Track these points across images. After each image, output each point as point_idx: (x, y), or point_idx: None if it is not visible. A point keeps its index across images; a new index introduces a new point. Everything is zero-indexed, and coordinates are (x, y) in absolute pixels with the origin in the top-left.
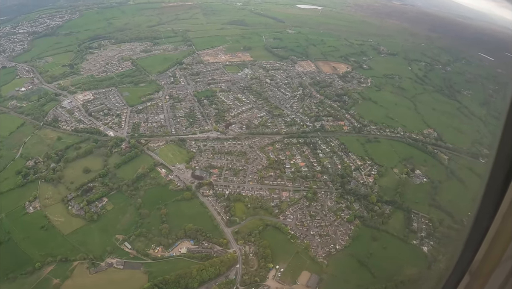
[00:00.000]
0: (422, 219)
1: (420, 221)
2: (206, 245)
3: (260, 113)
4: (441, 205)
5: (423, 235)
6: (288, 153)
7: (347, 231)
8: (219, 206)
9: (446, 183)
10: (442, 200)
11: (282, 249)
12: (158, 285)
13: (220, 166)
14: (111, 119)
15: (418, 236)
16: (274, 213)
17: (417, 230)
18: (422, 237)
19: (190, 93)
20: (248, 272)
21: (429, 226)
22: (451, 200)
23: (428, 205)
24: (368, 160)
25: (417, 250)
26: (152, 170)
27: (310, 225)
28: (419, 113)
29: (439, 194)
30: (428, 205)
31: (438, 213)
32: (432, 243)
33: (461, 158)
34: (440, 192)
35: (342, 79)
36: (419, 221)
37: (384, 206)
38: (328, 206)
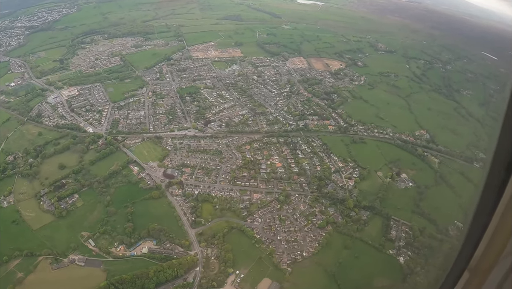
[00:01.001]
0: (403, 227)
1: (399, 229)
2: (168, 246)
3: (242, 111)
4: (425, 212)
5: (401, 244)
6: (265, 152)
7: (317, 237)
8: (186, 206)
9: (434, 188)
10: (427, 207)
11: (245, 254)
12: (114, 284)
13: (193, 165)
14: (92, 115)
15: (395, 245)
16: (242, 216)
17: (395, 238)
18: (399, 247)
19: (173, 90)
20: (207, 276)
21: (409, 235)
22: (437, 207)
23: (410, 212)
24: (351, 162)
25: (393, 260)
26: (125, 168)
27: (278, 229)
28: (413, 113)
29: (424, 200)
30: (411, 211)
31: (421, 221)
32: (410, 253)
33: (453, 162)
34: (426, 197)
35: (333, 77)
36: (399, 229)
37: (362, 212)
38: (301, 210)
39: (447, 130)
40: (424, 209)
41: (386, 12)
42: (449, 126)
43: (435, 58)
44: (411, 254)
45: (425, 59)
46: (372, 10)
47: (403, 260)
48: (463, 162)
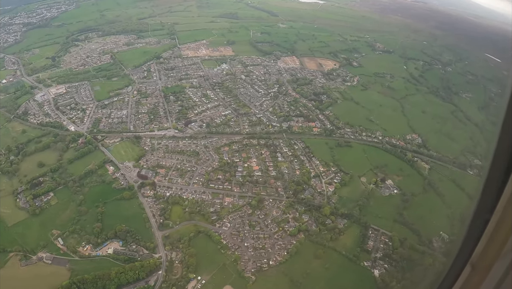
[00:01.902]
0: (382, 237)
1: (378, 239)
2: (134, 247)
3: (225, 112)
4: (408, 222)
5: (378, 255)
6: (244, 155)
7: (287, 245)
8: (156, 208)
9: (421, 196)
10: (411, 216)
11: (209, 259)
12: (76, 283)
13: (169, 166)
14: (76, 114)
15: (371, 256)
16: (211, 220)
17: (372, 249)
18: (376, 258)
19: (158, 89)
20: (169, 280)
21: (388, 246)
22: (422, 216)
23: (392, 221)
24: (333, 166)
25: (367, 273)
26: (101, 167)
27: (247, 235)
28: (406, 116)
29: (409, 208)
30: (392, 220)
31: (403, 231)
32: (386, 266)
33: (445, 168)
34: (411, 206)
35: (325, 77)
36: (377, 239)
37: (339, 220)
38: (273, 216)
39: (441, 135)
40: (408, 218)
41: (388, 12)
42: (444, 131)
43: (435, 59)
44: (388, 267)
45: (424, 60)
46: (374, 9)
47: (378, 273)
48: (455, 168)
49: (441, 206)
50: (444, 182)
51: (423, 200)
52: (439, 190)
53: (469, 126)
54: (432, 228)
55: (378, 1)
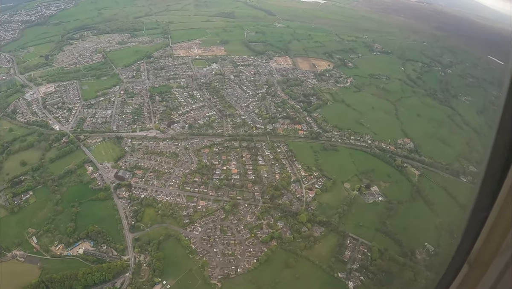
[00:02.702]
0: (360, 247)
1: (356, 249)
2: (104, 248)
3: (210, 113)
4: (391, 231)
5: (354, 267)
6: (224, 157)
7: (258, 253)
8: (129, 210)
9: (407, 204)
10: (395, 225)
11: (176, 264)
12: (45, 282)
13: (147, 167)
14: (62, 113)
15: (347, 267)
16: (183, 223)
17: (349, 260)
18: (351, 270)
19: (145, 89)
20: (135, 283)
21: (366, 256)
22: (407, 226)
23: (374, 230)
24: (316, 171)
25: (340, 284)
26: (80, 167)
27: (217, 241)
28: (399, 119)
29: (393, 217)
30: (374, 229)
31: (384, 241)
32: (362, 278)
33: (436, 175)
34: (396, 214)
35: (317, 78)
36: (355, 249)
37: (315, 227)
38: (246, 222)
39: (435, 140)
40: (391, 228)
41: (391, 12)
42: (439, 135)
43: (434, 60)
44: (364, 279)
45: (423, 62)
46: (375, 9)
47: (352, 286)
48: (448, 175)
49: (429, 215)
50: (434, 190)
51: (409, 209)
52: (428, 198)
53: (467, 131)
54: (417, 238)
55: (381, 1)
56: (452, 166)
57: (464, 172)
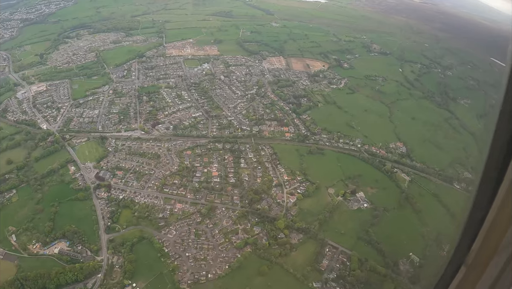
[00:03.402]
0: (340, 256)
1: (335, 258)
2: (79, 248)
3: (196, 113)
4: (374, 240)
5: (331, 276)
6: (206, 159)
7: (231, 258)
8: (106, 211)
9: (394, 212)
10: (378, 234)
11: (147, 267)
12: (20, 280)
13: (128, 168)
14: (50, 112)
15: (323, 277)
16: (158, 226)
17: (326, 269)
18: (327, 280)
19: (134, 89)
20: (106, 284)
21: (345, 266)
22: (391, 235)
23: (356, 238)
24: (300, 175)
25: None
26: (63, 166)
27: (190, 245)
28: (392, 122)
29: (377, 225)
30: (356, 238)
31: (366, 250)
32: None
33: (428, 181)
34: (380, 222)
35: (310, 79)
36: (334, 258)
37: (293, 234)
38: (222, 226)
39: (429, 144)
40: (374, 236)
41: (393, 12)
42: (433, 139)
43: (435, 62)
44: None
45: (422, 63)
46: (378, 10)
47: None
48: (440, 181)
49: (416, 223)
50: (424, 197)
51: (396, 216)
52: (416, 205)
53: (464, 136)
54: (401, 248)
55: (384, 2)
56: (445, 172)
57: (458, 178)
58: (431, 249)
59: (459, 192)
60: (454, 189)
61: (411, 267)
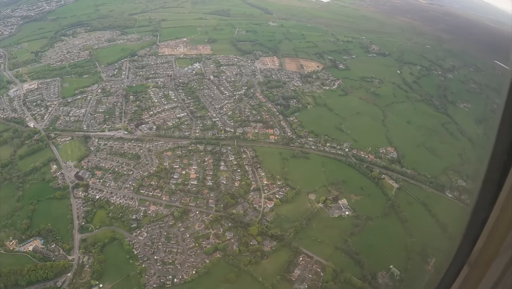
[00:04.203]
0: (314, 266)
1: (308, 267)
2: (53, 247)
3: (181, 114)
4: (352, 250)
5: (302, 287)
6: (185, 161)
7: (199, 264)
8: (82, 210)
9: (378, 221)
10: (358, 243)
11: (115, 268)
12: None
13: (107, 168)
14: (39, 110)
15: (293, 287)
16: (130, 227)
17: (297, 279)
18: None
19: (122, 88)
20: (75, 283)
21: (318, 277)
22: (372, 245)
23: (333, 248)
24: (280, 180)
25: None
26: (45, 165)
27: (160, 248)
28: (385, 126)
29: (358, 234)
30: (334, 247)
31: (343, 261)
32: None
33: (418, 189)
34: (362, 231)
35: (302, 80)
36: (307, 268)
37: (266, 241)
38: (194, 230)
39: (423, 149)
40: (353, 246)
41: (397, 12)
42: (428, 145)
43: (435, 64)
44: None
45: (422, 65)
46: (382, 10)
47: None
48: (431, 189)
49: (400, 234)
50: (412, 205)
51: (379, 226)
52: (403, 214)
53: (461, 141)
54: (382, 260)
55: (389, 2)
56: (437, 179)
57: (450, 186)
58: (413, 262)
59: (451, 201)
60: (446, 198)
61: (391, 280)
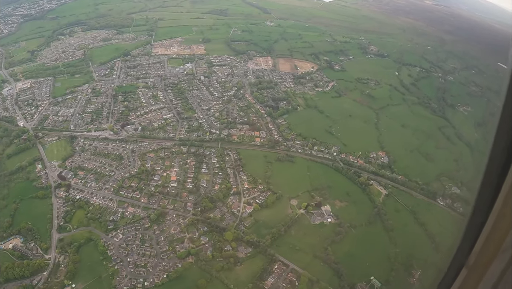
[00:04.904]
0: (289, 274)
1: (283, 276)
2: (32, 245)
3: (168, 115)
4: (332, 260)
5: None
6: (167, 162)
7: (171, 268)
8: (62, 210)
9: (362, 229)
10: (339, 252)
11: (89, 269)
12: None
13: (90, 168)
14: (29, 109)
15: None
16: (107, 228)
17: (270, 288)
18: None
19: (112, 88)
20: (49, 282)
21: (292, 286)
22: (353, 254)
23: (312, 256)
24: (262, 184)
25: None
26: (31, 164)
27: (134, 250)
28: (378, 129)
29: (339, 242)
30: (312, 255)
31: (321, 270)
32: None
33: (407, 196)
34: (343, 240)
35: (295, 81)
36: (282, 276)
37: (241, 247)
38: (169, 233)
39: (417, 154)
40: (333, 255)
41: (400, 13)
42: (422, 149)
43: (436, 66)
44: None
45: (422, 67)
46: (384, 10)
47: None
48: (422, 196)
49: (385, 243)
50: (399, 213)
51: (362, 234)
52: (389, 222)
53: (458, 146)
54: (363, 270)
55: (393, 2)
56: (429, 186)
57: (443, 193)
58: (396, 274)
59: (442, 209)
60: (437, 206)
61: None
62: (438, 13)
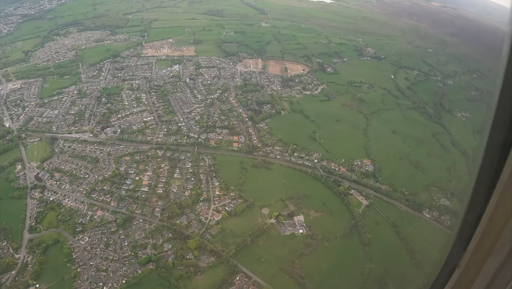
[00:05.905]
0: (250, 287)
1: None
2: (4, 244)
3: (148, 118)
4: (298, 274)
5: None
6: (141, 166)
7: (130, 273)
8: (35, 211)
9: (335, 242)
10: (307, 266)
11: (53, 270)
12: None
13: (66, 170)
14: (16, 110)
15: None
16: (75, 230)
17: None
18: None
19: (97, 89)
20: (17, 281)
21: None
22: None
23: (278, 269)
24: (234, 191)
25: None
26: (11, 165)
27: (97, 254)
28: (366, 136)
29: (309, 255)
30: (278, 268)
31: (286, 284)
32: None
33: (390, 207)
34: (313, 253)
35: (283, 84)
36: None
37: (204, 256)
38: (134, 238)
39: (406, 163)
40: (300, 269)
41: (404, 14)
42: (412, 157)
43: (435, 69)
44: None
45: (420, 70)
46: (387, 12)
47: None
48: (406, 208)
49: (359, 258)
50: (380, 226)
51: (336, 247)
52: (366, 235)
53: (453, 154)
54: (331, 286)
55: (397, 4)
56: (416, 197)
57: (430, 205)
58: None
59: (427, 222)
60: (422, 219)
61: None
62: (444, 15)
